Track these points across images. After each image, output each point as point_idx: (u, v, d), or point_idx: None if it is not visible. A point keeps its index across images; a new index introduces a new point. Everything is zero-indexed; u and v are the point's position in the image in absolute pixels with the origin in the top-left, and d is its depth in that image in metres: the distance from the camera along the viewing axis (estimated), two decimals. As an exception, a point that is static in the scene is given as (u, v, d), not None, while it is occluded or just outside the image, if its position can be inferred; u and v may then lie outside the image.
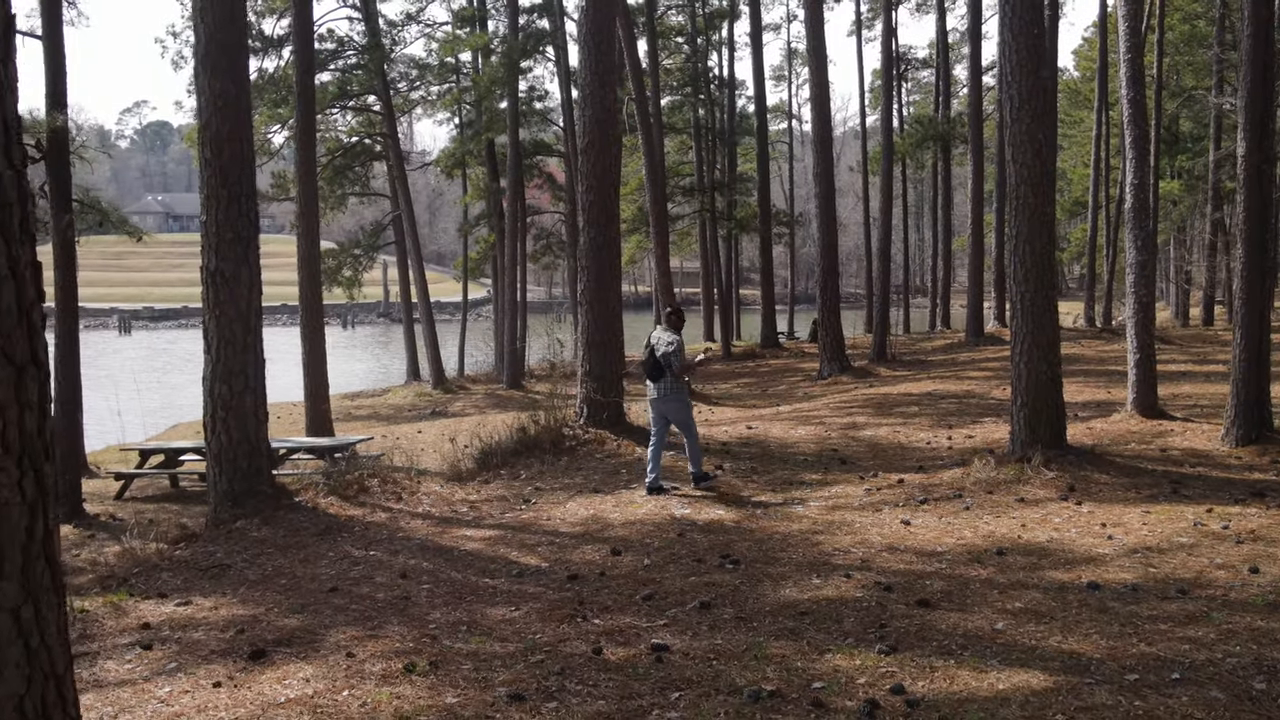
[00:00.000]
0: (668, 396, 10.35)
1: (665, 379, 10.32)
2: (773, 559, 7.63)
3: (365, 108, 35.03)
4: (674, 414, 10.43)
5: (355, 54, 32.44)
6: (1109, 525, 8.06)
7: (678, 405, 10.40)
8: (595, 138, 13.13)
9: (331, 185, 34.89)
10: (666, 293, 22.44)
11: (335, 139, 35.90)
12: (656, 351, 10.32)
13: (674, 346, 10.25)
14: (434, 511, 9.93)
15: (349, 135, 36.26)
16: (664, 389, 10.34)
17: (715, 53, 44.49)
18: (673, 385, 10.34)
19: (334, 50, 32.52)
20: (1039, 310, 10.17)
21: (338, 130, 36.42)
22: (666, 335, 10.39)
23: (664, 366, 10.26)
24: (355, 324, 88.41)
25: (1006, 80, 10.15)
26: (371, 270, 42.11)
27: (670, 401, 10.36)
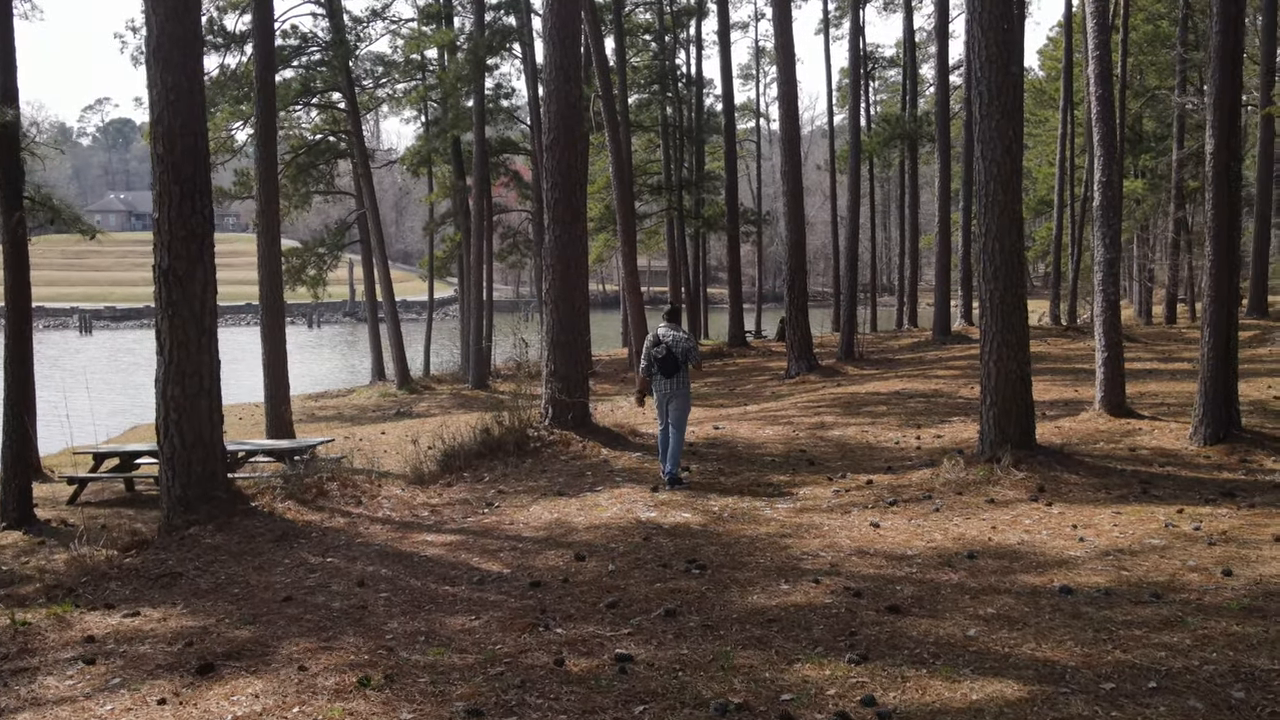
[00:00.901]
0: (679, 391, 10.79)
1: (680, 374, 10.80)
2: (740, 564, 7.47)
3: (329, 105, 34.64)
4: (680, 408, 10.79)
5: (319, 50, 32.07)
6: (1080, 526, 7.96)
7: (685, 400, 10.85)
8: (560, 134, 12.93)
9: (295, 183, 34.53)
10: (633, 292, 22.26)
11: (299, 136, 35.51)
12: (674, 348, 10.72)
13: (692, 343, 10.88)
14: (394, 516, 9.70)
15: (313, 133, 35.86)
16: (678, 384, 10.79)
17: (683, 50, 44.41)
18: (685, 380, 10.86)
19: (297, 46, 32.13)
20: (1008, 308, 10.07)
21: (301, 128, 36.02)
22: (679, 332, 10.85)
23: (683, 362, 10.75)
24: (321, 323, 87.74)
25: (976, 76, 10.04)
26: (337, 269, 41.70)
27: (680, 396, 10.79)
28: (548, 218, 13.15)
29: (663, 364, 10.78)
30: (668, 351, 10.74)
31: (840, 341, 26.02)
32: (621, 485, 10.58)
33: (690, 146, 41.42)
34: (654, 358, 10.86)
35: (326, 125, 35.63)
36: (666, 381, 10.81)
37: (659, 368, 10.81)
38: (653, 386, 11.05)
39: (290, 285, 35.63)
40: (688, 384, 10.90)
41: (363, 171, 32.35)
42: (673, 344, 10.73)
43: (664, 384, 10.84)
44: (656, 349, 10.83)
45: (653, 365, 10.89)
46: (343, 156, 35.44)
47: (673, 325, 10.96)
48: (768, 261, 77.41)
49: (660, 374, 10.83)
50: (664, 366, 10.78)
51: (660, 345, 10.80)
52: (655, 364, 10.83)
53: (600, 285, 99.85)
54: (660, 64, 40.59)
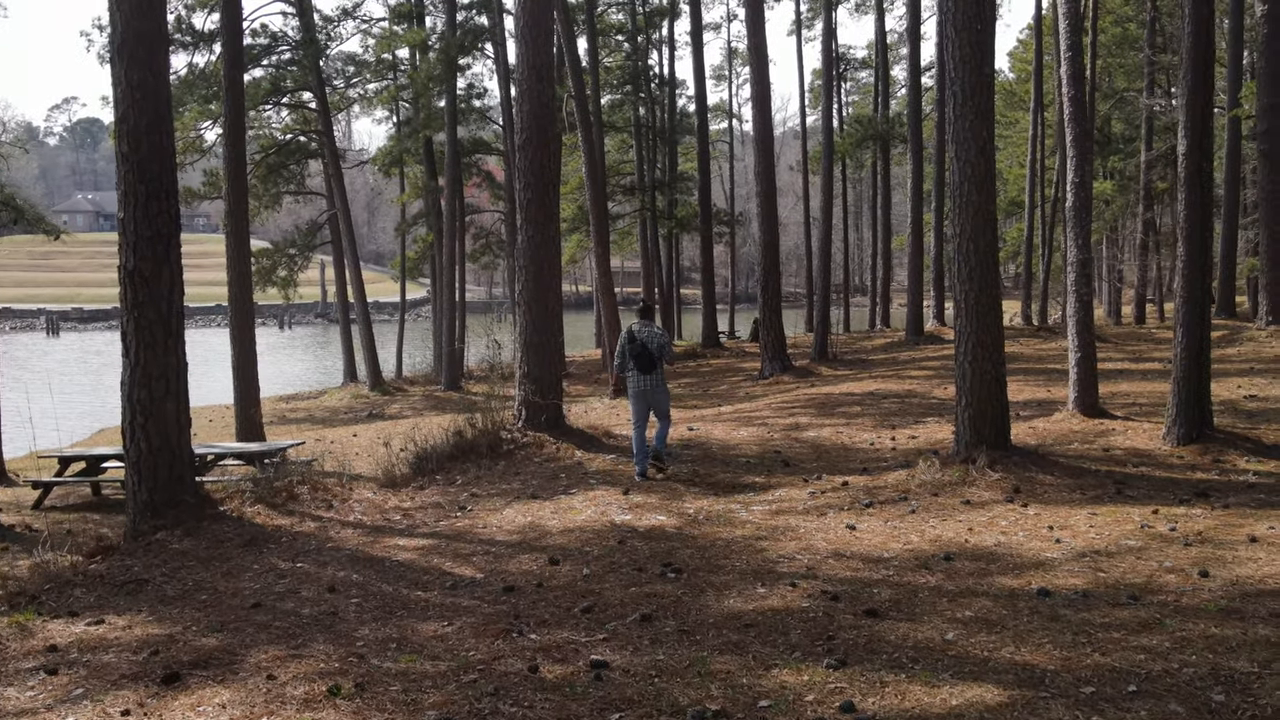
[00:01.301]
0: (658, 387, 11.08)
1: (656, 371, 11.03)
2: (716, 567, 7.40)
3: (300, 104, 34.39)
4: (662, 403, 11.16)
5: (289, 49, 31.80)
6: (1056, 528, 7.93)
7: (665, 395, 11.21)
8: (533, 134, 12.83)
9: (265, 183, 34.24)
10: (607, 293, 22.18)
11: (269, 136, 35.21)
12: (650, 345, 10.92)
13: (667, 339, 11.20)
14: (365, 520, 9.58)
15: (283, 132, 35.58)
16: (655, 380, 11.04)
17: (655, 51, 44.36)
18: (662, 376, 11.14)
19: (267, 45, 31.85)
20: (983, 309, 10.05)
21: (272, 127, 35.73)
22: (655, 329, 11.07)
23: (659, 358, 10.99)
24: (293, 324, 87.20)
25: (950, 76, 10.01)
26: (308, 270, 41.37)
27: (660, 392, 11.09)
28: (520, 218, 13.05)
29: (639, 360, 10.94)
30: (643, 348, 10.91)
31: (814, 342, 26.02)
32: (595, 488, 10.49)
33: (663, 147, 41.37)
34: (629, 354, 11.01)
35: (297, 125, 35.36)
36: (644, 378, 10.99)
37: (635, 364, 10.97)
38: (628, 384, 11.18)
39: (260, 286, 35.33)
40: (664, 380, 11.17)
41: (333, 172, 32.11)
42: (648, 340, 10.91)
43: (641, 380, 11.01)
44: (632, 346, 10.97)
45: (627, 362, 11.04)
46: (313, 157, 35.17)
47: (646, 322, 11.17)
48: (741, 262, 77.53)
49: (637, 370, 10.99)
50: (640, 363, 10.94)
51: (635, 342, 10.95)
52: (631, 360, 10.98)
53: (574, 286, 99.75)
54: (633, 64, 40.52)
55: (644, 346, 10.90)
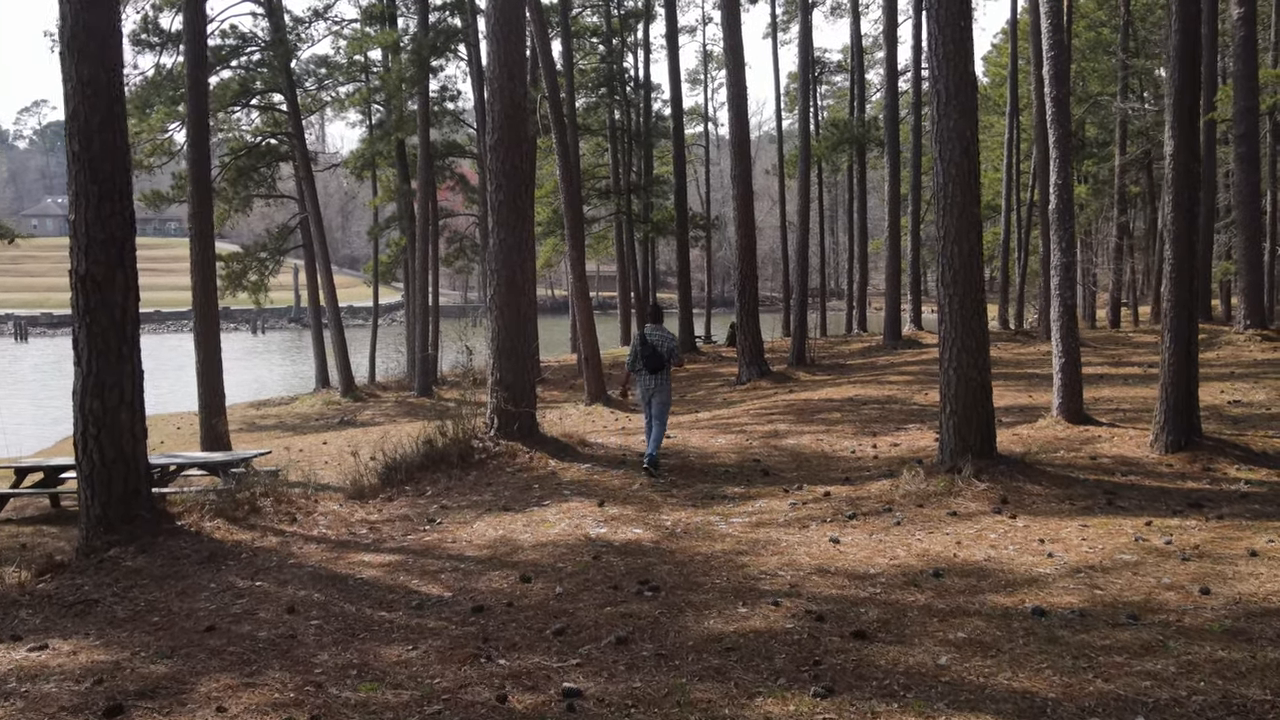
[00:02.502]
0: (662, 388, 11.65)
1: (663, 371, 11.64)
2: (695, 585, 7.08)
3: (270, 106, 33.92)
4: (662, 402, 11.65)
5: (259, 50, 31.33)
6: (1047, 541, 7.65)
7: (666, 397, 11.71)
8: (505, 134, 12.49)
9: (235, 186, 33.77)
10: (581, 297, 21.83)
11: (239, 139, 34.72)
12: (660, 347, 11.56)
13: (675, 342, 11.74)
14: (330, 534, 9.20)
15: (254, 135, 35.09)
16: (661, 380, 11.64)
17: (631, 54, 44.07)
18: (668, 377, 11.73)
19: (236, 46, 31.39)
20: (968, 314, 9.78)
21: (241, 130, 35.24)
22: (664, 332, 11.70)
23: (666, 360, 11.58)
24: (265, 329, 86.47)
25: (934, 74, 9.74)
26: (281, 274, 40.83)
27: (662, 392, 11.64)
28: (492, 221, 12.71)
29: (648, 361, 11.55)
30: (653, 350, 11.54)
31: (791, 347, 25.77)
32: (570, 499, 10.16)
33: (639, 150, 41.06)
34: (640, 355, 11.63)
35: (268, 127, 34.91)
36: (651, 377, 11.60)
37: (645, 364, 11.58)
38: (638, 382, 11.79)
39: (231, 291, 34.93)
40: (669, 380, 11.78)
41: (304, 174, 31.67)
42: (658, 343, 11.56)
43: (649, 380, 11.62)
44: (643, 348, 11.59)
45: (637, 362, 11.66)
46: (284, 159, 34.70)
47: (657, 325, 11.76)
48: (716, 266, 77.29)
49: (646, 370, 11.61)
50: (649, 363, 11.56)
51: (647, 344, 11.58)
52: (641, 361, 11.60)
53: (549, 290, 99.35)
54: (608, 67, 40.19)
55: (654, 349, 11.53)
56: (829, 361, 26.85)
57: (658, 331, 11.65)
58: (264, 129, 34.94)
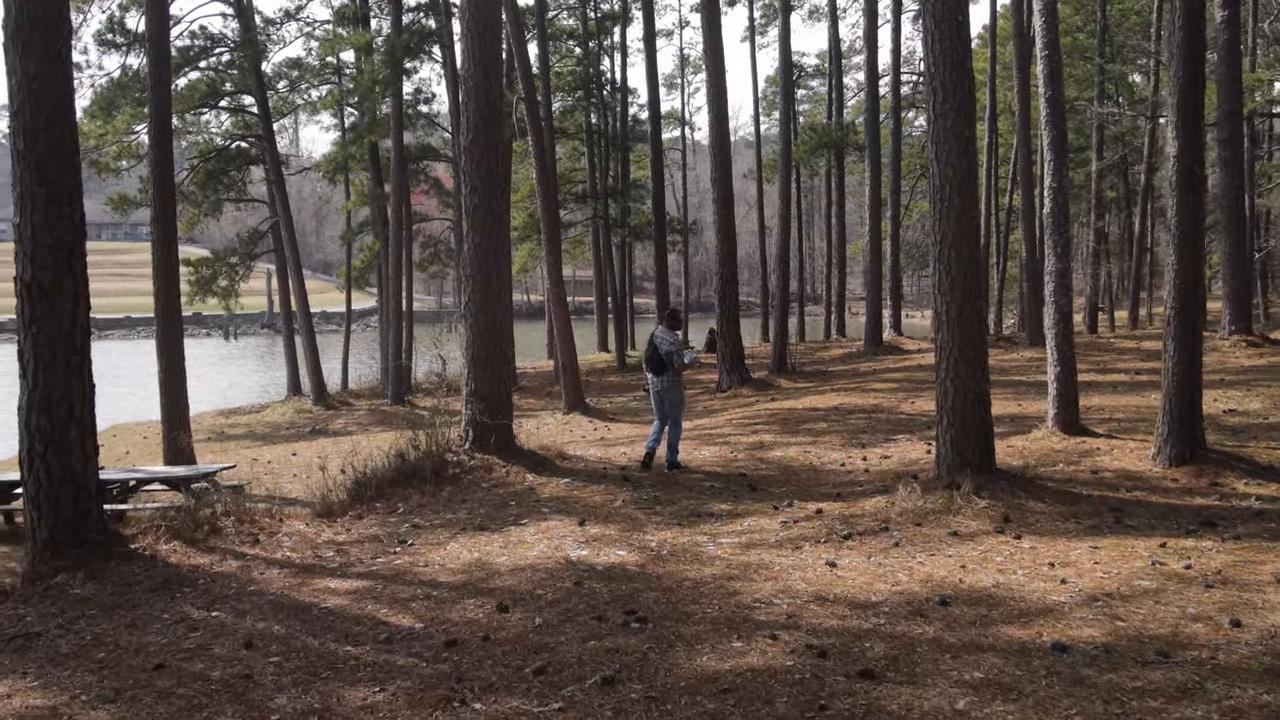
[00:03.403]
0: (668, 389, 11.97)
1: (667, 373, 11.93)
2: (685, 615, 6.59)
3: (240, 108, 33.29)
4: (672, 403, 12.01)
5: (228, 50, 30.68)
6: (1058, 565, 7.21)
7: (674, 398, 12.02)
8: (480, 134, 11.99)
9: (204, 190, 33.14)
10: (559, 303, 21.32)
11: (209, 141, 34.06)
12: (660, 349, 11.85)
13: (675, 346, 11.90)
14: (294, 557, 8.66)
15: (224, 137, 34.43)
16: (664, 382, 11.96)
17: (607, 57, 43.59)
18: (672, 379, 11.98)
19: (205, 47, 30.70)
20: (966, 321, 9.35)
21: (211, 132, 34.57)
22: (668, 335, 11.95)
23: (667, 363, 11.86)
24: (238, 335, 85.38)
25: (930, 72, 9.31)
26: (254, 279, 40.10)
27: (670, 393, 11.98)
28: (466, 225, 12.21)
29: (650, 363, 12.02)
30: (655, 351, 11.91)
31: (772, 353, 25.32)
32: (549, 517, 9.66)
33: (615, 154, 40.59)
34: (646, 357, 12.15)
35: (238, 130, 34.26)
36: (655, 379, 12.05)
37: (648, 366, 12.10)
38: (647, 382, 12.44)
39: (201, 296, 34.28)
40: (675, 382, 12.02)
41: (275, 178, 31.03)
42: (659, 345, 11.89)
43: (654, 381, 12.11)
44: (649, 349, 12.06)
45: (647, 364, 12.16)
46: (255, 162, 34.05)
47: (669, 329, 12.09)
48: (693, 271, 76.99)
49: (650, 372, 12.10)
50: (651, 365, 12.03)
51: (650, 346, 12.01)
52: (646, 362, 12.11)
53: (525, 295, 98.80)
54: (585, 70, 39.71)
55: (655, 350, 11.90)
56: (810, 368, 26.44)
57: (666, 335, 11.96)
58: (234, 132, 34.28)
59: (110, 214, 31.65)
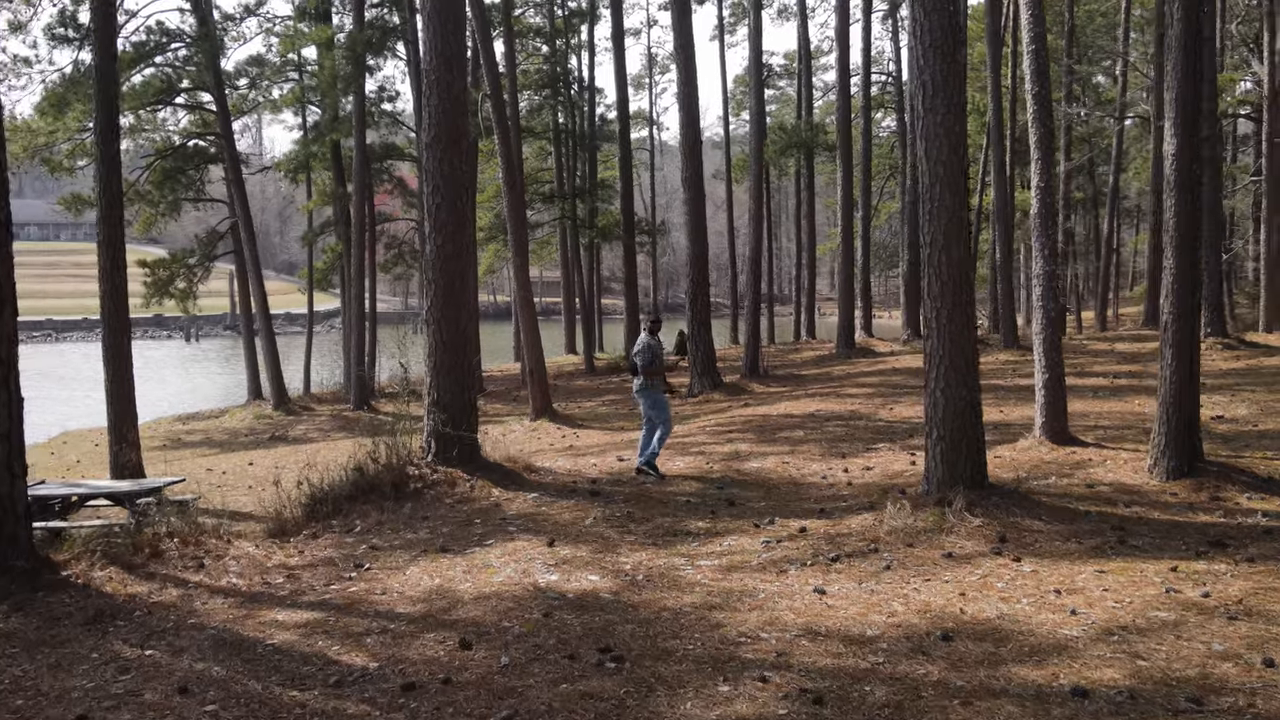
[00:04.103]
0: (643, 392, 12.14)
1: (643, 378, 12.07)
2: (665, 652, 6.03)
3: (198, 105, 32.44)
4: (651, 409, 12.07)
5: (185, 46, 29.83)
6: (1064, 592, 6.70)
7: (649, 400, 12.09)
8: (442, 130, 11.39)
9: (162, 189, 32.25)
10: (526, 306, 20.73)
11: (166, 140, 33.19)
12: (634, 355, 12.20)
13: (651, 353, 12.05)
14: (241, 584, 8.03)
15: (181, 136, 33.58)
16: (641, 385, 12.14)
17: (575, 56, 43.02)
18: (648, 383, 12.10)
19: (161, 42, 29.81)
20: (957, 328, 8.85)
21: (168, 130, 33.70)
22: (651, 340, 12.16)
23: (640, 366, 12.04)
24: (200, 337, 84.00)
25: (918, 65, 8.80)
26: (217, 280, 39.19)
27: (646, 396, 12.12)
28: (429, 226, 11.60)
29: (630, 368, 12.36)
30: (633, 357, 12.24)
31: (744, 356, 24.82)
32: (516, 537, 9.07)
33: (583, 154, 40.02)
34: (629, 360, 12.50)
35: (196, 128, 33.42)
36: (635, 381, 12.25)
37: (630, 369, 12.43)
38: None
39: (158, 298, 33.45)
40: (654, 386, 12.14)
41: (233, 177, 30.21)
42: (637, 350, 12.15)
43: (634, 383, 12.28)
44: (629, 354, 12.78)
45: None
46: (214, 161, 33.18)
47: (651, 335, 12.23)
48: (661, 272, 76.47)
49: (630, 374, 12.43)
50: (630, 368, 12.40)
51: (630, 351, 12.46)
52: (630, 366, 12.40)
53: (491, 296, 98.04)
54: (552, 68, 39.12)
55: (633, 356, 12.21)
56: (782, 371, 25.98)
57: (646, 339, 12.13)
58: (192, 130, 33.45)
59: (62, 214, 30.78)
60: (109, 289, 14.31)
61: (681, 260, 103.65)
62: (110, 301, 14.26)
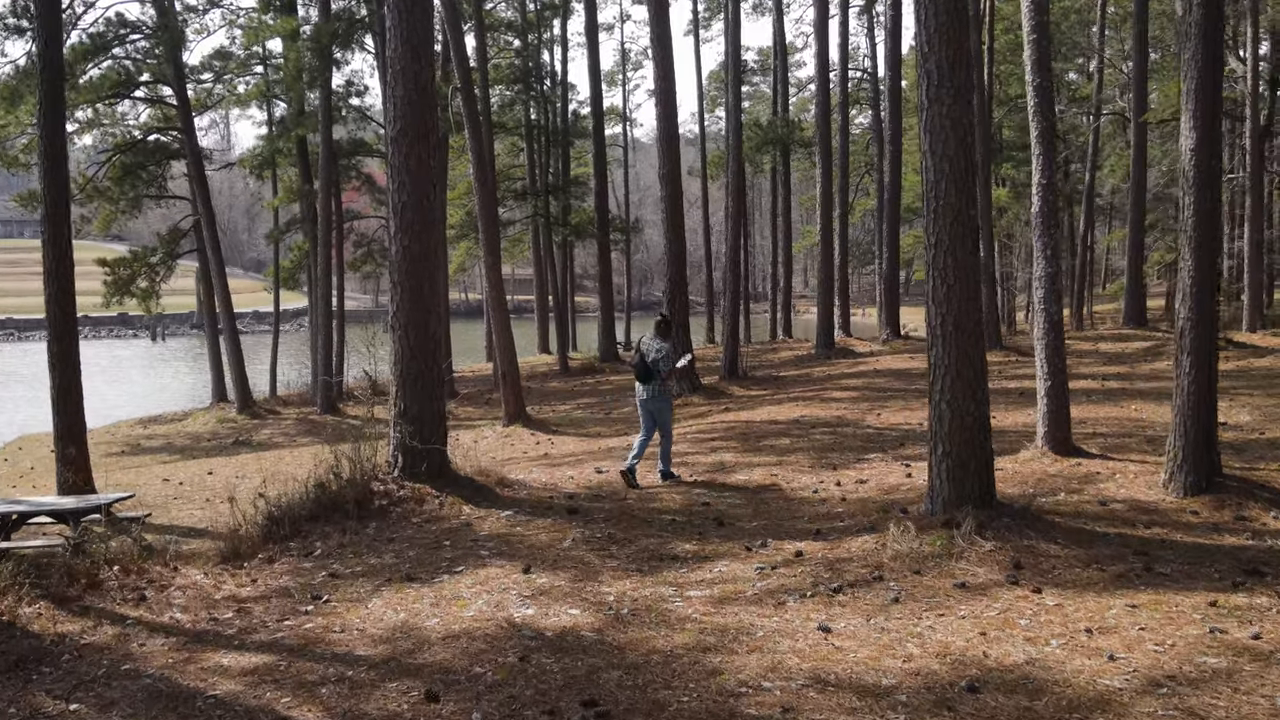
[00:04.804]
0: (655, 398, 11.57)
1: (654, 382, 11.53)
2: (657, 705, 5.36)
3: (159, 99, 31.51)
4: (659, 415, 11.60)
5: (145, 37, 28.89)
6: (1096, 632, 6.06)
7: (663, 406, 11.63)
8: (409, 123, 10.67)
9: (121, 185, 31.30)
10: (498, 307, 19.99)
11: (125, 134, 32.25)
12: (647, 357, 11.51)
13: (663, 353, 11.52)
14: (185, 620, 7.29)
15: (142, 130, 32.65)
16: (653, 390, 11.56)
17: (547, 51, 42.29)
18: (659, 388, 11.59)
19: (120, 33, 28.86)
20: (963, 336, 8.21)
21: (128, 124, 32.77)
22: (655, 343, 11.61)
23: (655, 372, 11.48)
24: (166, 336, 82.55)
25: (924, 51, 8.15)
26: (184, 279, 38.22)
27: (657, 402, 11.58)
28: (394, 225, 10.88)
29: (638, 370, 11.59)
30: (641, 359, 11.56)
31: (723, 358, 24.16)
32: (488, 562, 8.37)
33: (556, 150, 39.29)
34: (632, 364, 11.83)
35: (157, 122, 32.48)
36: (643, 387, 11.59)
37: (636, 374, 11.65)
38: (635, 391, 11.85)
39: (118, 298, 32.60)
40: (664, 391, 11.67)
41: (195, 173, 29.32)
42: (646, 352, 11.55)
43: (640, 389, 11.63)
44: (634, 355, 11.73)
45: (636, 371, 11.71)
46: (175, 157, 32.26)
47: (659, 336, 11.71)
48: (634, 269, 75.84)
49: (638, 380, 11.63)
50: (639, 373, 11.59)
51: (638, 353, 11.66)
52: (635, 370, 11.69)
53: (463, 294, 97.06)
54: (524, 63, 38.35)
55: (643, 358, 11.53)
56: (761, 373, 25.35)
57: (654, 341, 11.63)
58: (153, 124, 32.51)
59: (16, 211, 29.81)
60: (54, 291, 13.48)
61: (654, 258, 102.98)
62: (56, 305, 13.44)
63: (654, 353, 11.47)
